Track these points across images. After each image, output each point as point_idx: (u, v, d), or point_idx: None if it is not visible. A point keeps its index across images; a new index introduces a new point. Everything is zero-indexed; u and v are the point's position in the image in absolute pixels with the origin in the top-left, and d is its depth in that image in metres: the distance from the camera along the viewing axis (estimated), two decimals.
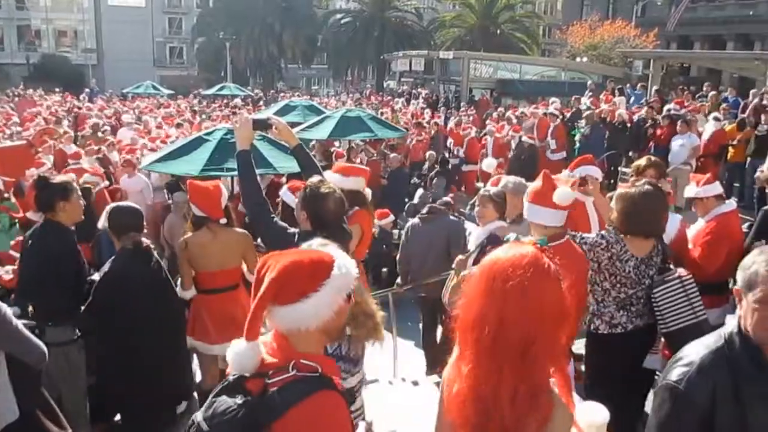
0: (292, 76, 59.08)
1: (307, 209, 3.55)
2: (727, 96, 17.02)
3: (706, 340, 2.18)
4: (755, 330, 2.03)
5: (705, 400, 2.04)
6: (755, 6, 40.57)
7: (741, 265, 2.11)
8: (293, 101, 18.51)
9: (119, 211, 4.34)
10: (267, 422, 1.81)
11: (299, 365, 1.88)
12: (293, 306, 1.90)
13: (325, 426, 1.87)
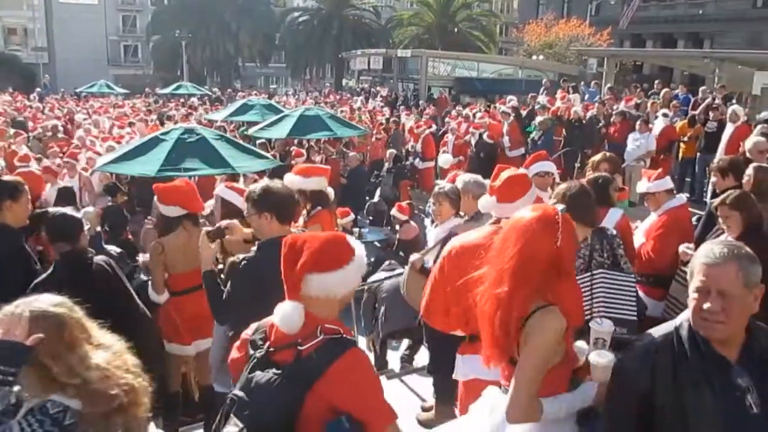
0: (249, 75, 58.53)
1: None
2: (678, 93, 17.46)
3: (662, 326, 2.31)
4: (693, 318, 2.14)
5: (643, 378, 2.18)
6: (704, 5, 41.72)
7: (692, 258, 2.23)
8: (251, 100, 18.40)
9: (54, 218, 4.04)
10: (310, 383, 2.05)
11: (325, 329, 2.15)
12: (329, 274, 2.18)
13: (361, 378, 2.15)
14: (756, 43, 36.68)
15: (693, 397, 2.09)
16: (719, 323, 2.07)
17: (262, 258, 3.43)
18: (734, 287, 2.06)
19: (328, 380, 2.06)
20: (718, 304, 2.06)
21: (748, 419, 2.07)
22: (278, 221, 3.52)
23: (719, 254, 2.09)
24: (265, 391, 2.05)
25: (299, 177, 5.26)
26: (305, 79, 54.47)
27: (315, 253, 2.18)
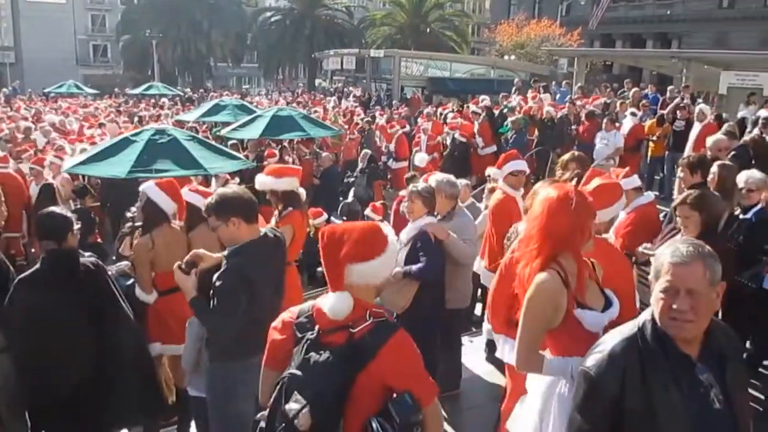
0: (222, 75, 58.10)
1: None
2: (647, 93, 17.72)
3: (623, 328, 2.29)
4: (660, 319, 2.15)
5: (614, 385, 2.15)
6: (672, 6, 42.42)
7: (654, 258, 2.24)
8: (223, 100, 18.27)
9: (41, 217, 3.99)
10: (364, 363, 2.24)
11: (374, 313, 2.34)
12: (369, 263, 2.33)
13: (411, 358, 2.35)
14: (722, 43, 37.41)
15: (662, 398, 2.10)
16: (688, 322, 2.09)
17: (244, 262, 3.41)
18: (702, 286, 2.09)
19: (381, 360, 2.25)
20: (686, 303, 2.07)
21: (712, 415, 2.12)
22: (246, 223, 3.50)
23: (686, 253, 2.11)
24: (322, 371, 2.24)
25: (270, 177, 5.25)
26: (278, 79, 54.21)
27: (355, 244, 2.33)
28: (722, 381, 2.16)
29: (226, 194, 3.56)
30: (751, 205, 5.04)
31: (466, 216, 5.11)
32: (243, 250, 3.46)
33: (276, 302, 3.68)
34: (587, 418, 2.21)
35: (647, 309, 2.26)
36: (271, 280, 3.57)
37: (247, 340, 3.47)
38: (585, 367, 2.22)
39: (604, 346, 2.23)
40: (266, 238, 3.62)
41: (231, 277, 3.38)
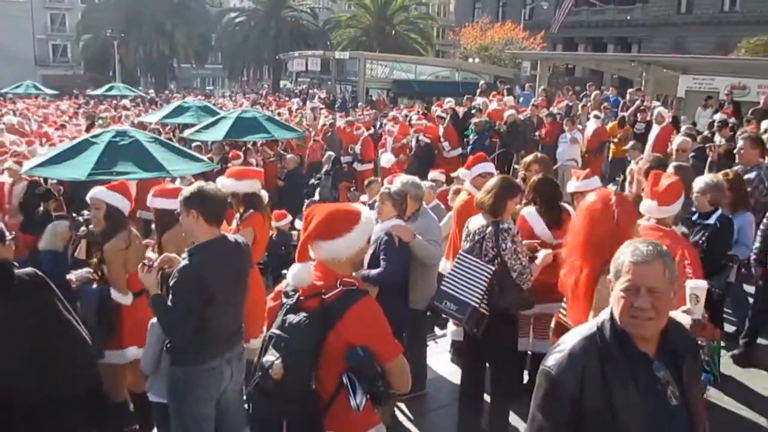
0: (185, 76, 57.40)
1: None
2: (608, 95, 18.04)
3: (582, 328, 2.32)
4: (621, 317, 2.18)
5: (574, 383, 2.16)
6: (632, 11, 43.27)
7: (613, 258, 2.27)
8: (186, 102, 18.04)
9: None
10: (332, 323, 2.61)
11: (344, 282, 2.69)
12: (332, 241, 2.71)
13: (372, 320, 2.69)
14: (680, 48, 38.30)
15: (621, 396, 2.13)
16: (649, 320, 2.12)
17: (198, 263, 3.38)
18: (662, 284, 2.13)
19: (346, 322, 2.61)
20: (647, 301, 2.10)
21: (669, 411, 2.17)
22: (205, 220, 3.46)
23: (646, 252, 2.15)
24: (296, 330, 2.61)
25: (231, 180, 5.20)
26: (243, 80, 53.81)
27: (320, 224, 2.71)
28: (678, 378, 2.21)
29: (198, 187, 3.53)
30: (710, 210, 5.06)
31: (430, 217, 5.14)
32: (199, 250, 3.43)
33: (235, 306, 3.64)
34: (548, 417, 2.22)
35: (605, 309, 2.29)
36: (228, 282, 3.53)
37: (205, 344, 3.43)
38: (546, 366, 2.23)
39: (564, 346, 2.24)
40: (225, 240, 3.59)
41: (184, 276, 3.34)
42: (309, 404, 2.67)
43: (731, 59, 25.08)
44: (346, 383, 2.59)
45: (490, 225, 4.24)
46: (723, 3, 39.60)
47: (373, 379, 2.59)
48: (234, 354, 3.67)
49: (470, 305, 4.04)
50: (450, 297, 4.14)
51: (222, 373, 3.58)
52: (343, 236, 2.71)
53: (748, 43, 28.27)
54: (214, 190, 3.60)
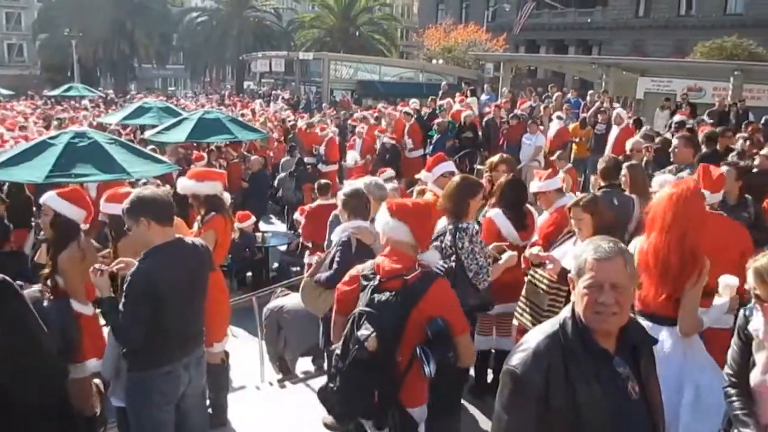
0: (146, 77, 56.51)
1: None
2: (569, 97, 18.29)
3: (544, 326, 2.34)
4: (585, 314, 2.21)
5: (539, 381, 2.18)
6: (592, 14, 43.99)
7: (573, 255, 2.30)
8: (147, 102, 17.77)
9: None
10: (416, 301, 2.99)
11: (421, 265, 3.12)
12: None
13: (449, 298, 3.12)
14: (639, 50, 39.08)
15: (584, 393, 2.16)
16: (614, 315, 2.16)
17: (150, 266, 3.32)
18: (624, 279, 2.18)
19: (427, 299, 3.00)
20: (611, 297, 2.14)
21: (630, 405, 2.21)
22: (157, 224, 3.41)
23: (608, 249, 2.20)
24: (385, 307, 2.97)
25: (192, 181, 5.10)
26: (205, 81, 53.23)
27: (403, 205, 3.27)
28: (637, 372, 2.26)
29: (138, 194, 3.48)
30: None
31: None
32: (152, 253, 3.38)
33: (192, 311, 3.57)
34: (514, 416, 2.24)
35: (566, 307, 2.32)
36: (183, 286, 3.47)
37: (161, 348, 3.38)
38: (510, 366, 2.24)
39: (528, 345, 2.25)
40: (181, 243, 3.54)
41: (135, 279, 3.30)
42: (395, 374, 3.00)
43: (687, 62, 25.66)
44: (420, 354, 2.92)
45: (450, 224, 4.26)
46: (679, 7, 40.49)
47: (446, 350, 2.97)
48: (192, 359, 3.61)
49: None
50: None
51: (179, 377, 3.53)
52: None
53: (703, 46, 28.93)
54: (152, 192, 3.54)
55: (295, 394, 6.10)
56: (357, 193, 4.74)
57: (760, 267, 2.68)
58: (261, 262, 10.51)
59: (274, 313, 6.80)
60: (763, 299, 2.69)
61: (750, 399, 2.84)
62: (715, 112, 14.92)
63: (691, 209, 3.47)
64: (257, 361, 6.91)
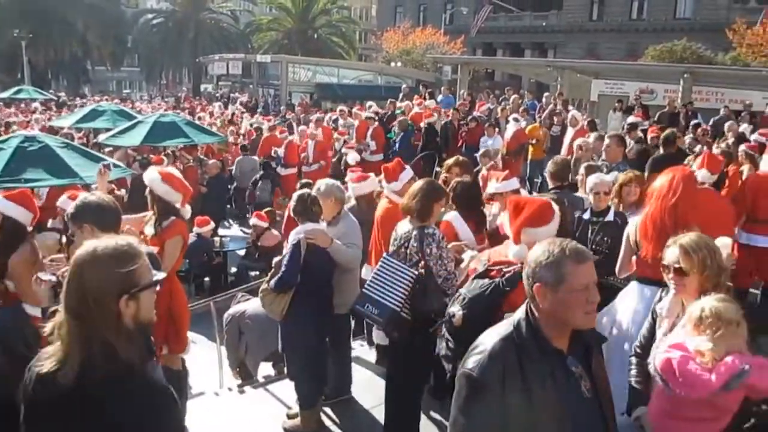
0: (100, 79, 55.39)
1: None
2: (526, 100, 18.57)
3: (499, 328, 2.36)
4: (575, 317, 2.22)
5: (495, 383, 2.19)
6: (547, 17, 44.73)
7: (546, 267, 2.24)
8: (101, 105, 17.41)
9: None
10: (506, 293, 3.35)
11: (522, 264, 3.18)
12: (539, 228, 3.45)
13: None
14: (593, 53, 39.88)
15: (540, 393, 2.18)
16: (594, 312, 2.26)
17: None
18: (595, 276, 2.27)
19: (517, 293, 3.14)
20: (597, 294, 2.22)
21: (583, 404, 2.26)
22: (100, 230, 3.31)
23: (583, 252, 2.26)
24: (479, 291, 3.39)
25: (167, 185, 4.85)
26: (161, 83, 52.44)
27: (533, 212, 3.49)
28: (589, 370, 2.31)
29: (84, 199, 3.41)
30: (604, 208, 5.12)
31: (351, 220, 5.13)
32: None
33: None
34: (471, 418, 2.24)
35: (519, 308, 2.34)
36: None
37: None
38: (466, 369, 2.23)
39: (484, 347, 2.26)
40: None
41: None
42: None
43: (639, 65, 26.28)
44: None
45: (415, 229, 4.27)
46: (631, 11, 41.48)
47: None
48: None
49: (391, 309, 4.04)
50: (372, 300, 4.12)
51: None
52: (547, 225, 3.48)
53: (654, 49, 29.67)
54: (98, 198, 3.46)
55: (254, 399, 6.05)
56: (301, 197, 4.74)
57: (686, 243, 2.96)
58: (219, 267, 10.39)
59: (236, 318, 6.75)
60: (686, 272, 2.92)
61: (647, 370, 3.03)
62: (666, 113, 15.33)
63: (685, 187, 3.91)
64: (216, 366, 6.83)
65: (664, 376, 2.80)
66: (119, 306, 2.00)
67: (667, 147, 8.58)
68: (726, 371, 2.64)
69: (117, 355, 1.97)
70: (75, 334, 1.99)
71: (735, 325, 2.72)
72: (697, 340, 2.75)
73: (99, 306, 1.98)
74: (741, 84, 18.57)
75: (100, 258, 2.02)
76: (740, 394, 2.70)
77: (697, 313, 2.77)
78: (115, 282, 2.00)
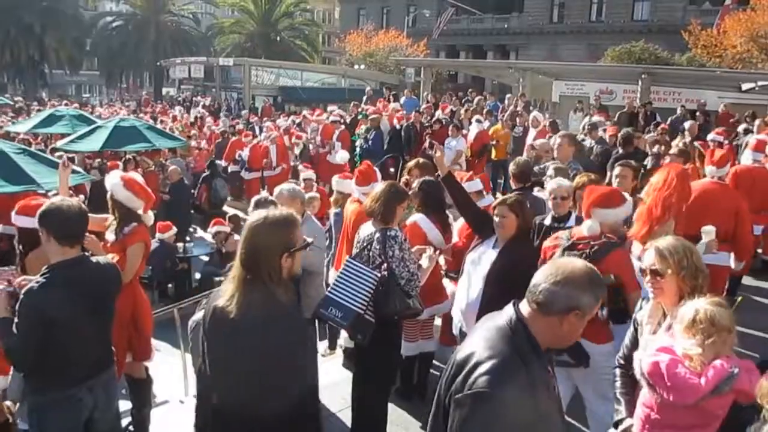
0: (59, 83, 54.32)
1: None
2: (488, 101, 18.74)
3: (491, 337, 2.20)
4: (573, 339, 2.24)
5: (515, 397, 2.06)
6: (509, 20, 45.23)
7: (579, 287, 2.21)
8: (59, 110, 17.06)
9: None
10: (597, 261, 3.56)
11: (606, 236, 4.09)
12: (609, 210, 4.15)
13: (625, 262, 4.00)
14: (554, 55, 40.41)
15: (545, 397, 2.15)
16: None
17: (40, 286, 3.15)
18: None
19: (606, 261, 3.84)
20: None
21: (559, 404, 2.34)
22: (56, 241, 3.25)
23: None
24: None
25: (122, 184, 4.77)
26: (122, 87, 51.64)
27: (603, 195, 4.19)
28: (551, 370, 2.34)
29: (50, 204, 3.32)
30: (564, 214, 4.93)
31: (314, 223, 5.14)
32: (48, 271, 3.23)
33: (94, 333, 3.39)
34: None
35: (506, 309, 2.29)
36: (80, 308, 3.28)
37: (59, 371, 3.23)
38: (479, 389, 2.09)
39: (491, 363, 2.11)
40: (83, 262, 3.36)
41: (25, 299, 3.13)
42: None
43: (598, 66, 26.75)
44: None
45: (377, 232, 4.27)
46: (590, 14, 42.18)
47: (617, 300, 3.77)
48: (98, 381, 3.44)
49: (355, 312, 4.02)
50: (335, 304, 4.09)
51: (82, 401, 3.36)
52: (617, 207, 4.16)
53: (614, 51, 30.19)
54: (68, 206, 3.35)
55: None
56: (256, 203, 4.74)
57: (662, 246, 2.98)
58: (183, 273, 10.26)
59: (200, 325, 6.64)
60: (662, 273, 2.91)
61: (632, 381, 3.00)
62: (625, 113, 15.62)
63: (679, 182, 4.38)
64: (180, 374, 6.75)
65: (651, 380, 2.72)
66: (281, 261, 2.61)
67: (625, 147, 8.78)
68: (715, 375, 2.58)
69: (275, 297, 2.58)
70: (243, 281, 2.63)
71: (727, 332, 2.66)
72: (687, 344, 2.67)
73: (266, 260, 2.59)
74: (696, 84, 19.02)
75: (269, 224, 2.64)
76: (729, 399, 2.64)
77: (691, 315, 2.68)
78: (279, 242, 2.62)
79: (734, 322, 2.69)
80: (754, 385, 2.49)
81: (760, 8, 24.42)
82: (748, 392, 2.55)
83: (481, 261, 4.30)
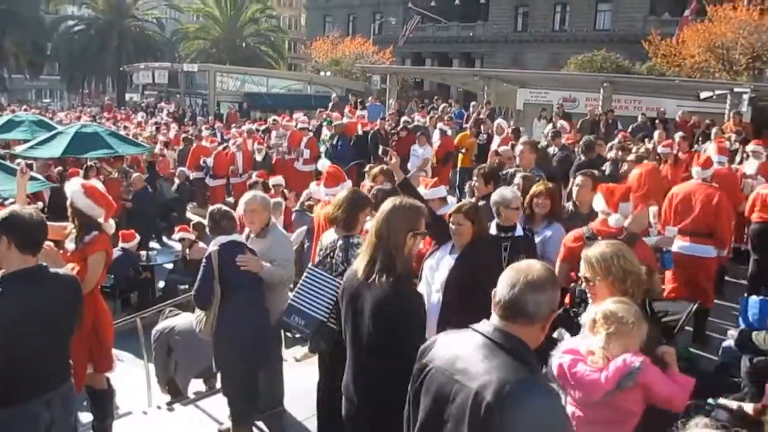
0: (18, 88, 53.15)
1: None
2: (453, 109, 18.88)
3: (505, 362, 2.11)
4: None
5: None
6: (474, 28, 45.68)
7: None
8: (18, 115, 16.75)
9: None
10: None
11: (629, 231, 4.45)
12: (629, 203, 4.58)
13: (647, 254, 4.31)
14: (518, 63, 40.92)
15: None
16: None
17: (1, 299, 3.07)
18: None
19: (635, 250, 3.59)
20: None
21: None
22: (18, 249, 3.15)
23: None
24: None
25: (83, 192, 4.67)
26: (83, 92, 50.79)
27: (624, 192, 4.63)
28: None
29: (11, 211, 3.24)
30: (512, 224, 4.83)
31: (280, 233, 5.10)
32: (4, 281, 3.14)
33: (49, 346, 3.29)
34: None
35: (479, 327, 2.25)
36: (39, 319, 3.19)
37: (13, 385, 3.13)
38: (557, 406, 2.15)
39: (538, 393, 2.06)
40: (40, 273, 3.27)
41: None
42: None
43: (561, 74, 27.13)
44: None
45: (340, 239, 4.27)
46: (554, 23, 42.83)
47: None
48: (55, 395, 3.33)
49: (317, 319, 4.01)
50: (298, 312, 4.07)
51: (38, 415, 3.25)
52: (628, 203, 4.59)
53: (576, 59, 30.68)
54: (29, 214, 3.26)
55: (185, 417, 5.90)
56: (210, 214, 4.73)
57: (590, 255, 3.12)
58: (146, 282, 10.10)
59: (164, 334, 6.56)
60: (590, 280, 3.09)
61: None
62: (587, 121, 15.88)
63: (651, 176, 5.14)
64: (144, 384, 6.65)
65: (560, 381, 2.79)
66: (406, 239, 3.15)
67: (588, 153, 8.94)
68: (616, 371, 2.64)
69: (395, 269, 3.11)
70: (372, 249, 3.19)
71: (630, 325, 2.71)
72: (589, 341, 2.79)
73: (395, 235, 3.15)
74: (656, 92, 19.42)
75: (402, 207, 3.23)
76: (637, 394, 2.68)
77: (591, 316, 2.86)
78: (408, 223, 3.18)
79: (641, 317, 2.81)
80: (656, 379, 2.66)
81: (717, 19, 25.03)
82: (654, 389, 2.66)
83: (439, 267, 4.31)
